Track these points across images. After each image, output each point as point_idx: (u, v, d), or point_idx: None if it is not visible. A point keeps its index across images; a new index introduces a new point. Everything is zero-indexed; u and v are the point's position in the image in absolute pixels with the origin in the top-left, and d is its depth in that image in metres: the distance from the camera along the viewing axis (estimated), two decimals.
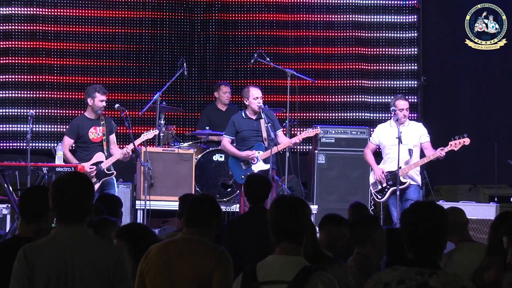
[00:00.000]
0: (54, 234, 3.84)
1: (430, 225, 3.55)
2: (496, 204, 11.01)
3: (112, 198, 7.06)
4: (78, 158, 9.94)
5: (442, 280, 3.50)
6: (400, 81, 12.80)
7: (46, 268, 3.74)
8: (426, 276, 3.50)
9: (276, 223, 3.91)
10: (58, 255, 3.76)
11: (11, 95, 12.27)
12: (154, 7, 12.64)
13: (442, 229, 3.58)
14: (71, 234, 3.81)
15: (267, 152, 9.75)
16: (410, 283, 3.51)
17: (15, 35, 12.27)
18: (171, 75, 11.60)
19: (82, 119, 10.00)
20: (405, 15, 12.86)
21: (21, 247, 3.80)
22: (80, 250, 3.78)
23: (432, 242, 3.56)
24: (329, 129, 11.56)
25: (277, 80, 12.34)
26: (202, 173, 10.88)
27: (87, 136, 9.90)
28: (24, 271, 3.73)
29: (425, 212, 3.59)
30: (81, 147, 9.96)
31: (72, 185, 3.86)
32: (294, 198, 3.98)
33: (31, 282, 3.72)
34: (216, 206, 4.48)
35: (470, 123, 12.35)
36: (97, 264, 3.78)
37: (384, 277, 3.60)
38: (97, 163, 9.85)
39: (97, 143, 9.91)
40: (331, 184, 11.32)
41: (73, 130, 9.97)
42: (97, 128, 9.91)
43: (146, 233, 4.84)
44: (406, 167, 9.71)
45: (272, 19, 12.77)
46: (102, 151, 9.91)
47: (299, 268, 3.81)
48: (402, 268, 3.58)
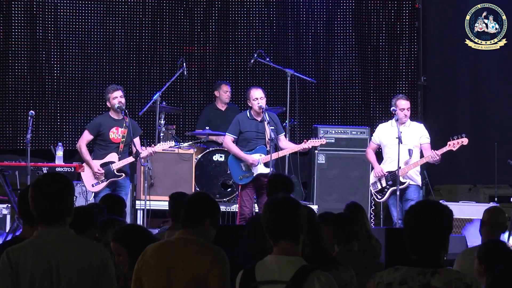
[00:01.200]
0: (36, 235, 3.85)
1: (431, 224, 3.54)
2: (496, 204, 11.01)
3: (116, 198, 7.07)
4: (95, 155, 9.93)
5: (444, 279, 3.48)
6: (400, 81, 12.80)
7: (30, 270, 3.75)
8: (428, 276, 3.49)
9: (271, 223, 3.91)
10: (41, 256, 3.77)
11: (11, 95, 12.26)
12: (154, 7, 12.64)
13: (443, 228, 3.57)
14: (53, 234, 3.82)
15: (268, 156, 9.72)
16: (412, 283, 3.50)
17: (15, 35, 12.27)
18: (171, 75, 11.60)
19: (106, 118, 9.98)
20: (405, 15, 12.85)
21: (5, 250, 3.81)
22: (63, 250, 3.79)
23: (433, 242, 3.55)
24: (329, 129, 11.56)
25: (277, 80, 12.34)
26: (202, 173, 10.88)
27: (107, 135, 9.87)
28: (8, 273, 3.74)
29: (426, 211, 3.58)
30: (100, 145, 9.93)
31: (49, 185, 3.85)
32: (285, 198, 3.99)
33: (16, 284, 3.73)
34: (212, 206, 4.46)
35: (470, 123, 12.36)
36: (81, 264, 3.78)
37: (386, 277, 3.59)
38: (108, 162, 9.84)
39: (116, 144, 9.91)
40: (331, 184, 11.33)
41: (94, 126, 9.94)
42: (119, 129, 9.89)
43: (143, 234, 4.83)
44: (405, 167, 9.71)
45: (272, 19, 12.77)
46: (117, 152, 9.91)
47: (297, 267, 3.81)
48: (404, 268, 3.57)
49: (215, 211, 4.46)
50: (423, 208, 3.61)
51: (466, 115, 12.58)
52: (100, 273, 3.81)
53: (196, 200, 4.46)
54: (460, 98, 12.72)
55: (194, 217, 4.37)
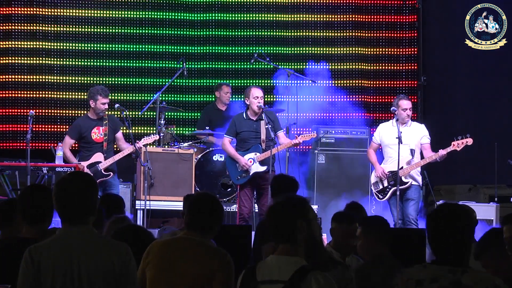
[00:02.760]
0: (59, 234, 3.85)
1: (454, 227, 3.55)
2: (496, 204, 11.01)
3: (116, 197, 7.10)
4: (81, 158, 10.02)
5: (475, 278, 3.49)
6: (400, 81, 12.80)
7: (52, 268, 3.74)
8: (458, 275, 3.49)
9: (271, 225, 3.93)
10: (63, 255, 3.76)
11: (11, 95, 12.27)
12: (154, 7, 12.64)
13: (469, 229, 3.59)
14: (76, 234, 3.82)
15: (265, 154, 9.77)
16: (443, 281, 3.49)
17: (15, 35, 12.27)
18: (171, 75, 11.60)
19: (85, 120, 10.07)
20: (405, 15, 12.86)
21: (27, 248, 3.80)
22: (85, 250, 3.79)
23: (460, 242, 3.56)
24: (329, 129, 11.56)
25: (277, 80, 12.33)
26: (202, 173, 10.88)
27: (90, 137, 9.98)
28: (31, 272, 3.73)
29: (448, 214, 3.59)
30: (85, 147, 10.04)
31: (73, 184, 3.86)
32: (282, 202, 3.99)
33: (38, 282, 3.73)
34: (217, 209, 4.48)
35: (470, 123, 12.35)
36: (103, 263, 3.78)
37: (415, 274, 3.58)
38: (95, 163, 9.88)
39: (100, 143, 9.97)
40: (331, 184, 11.32)
41: (74, 130, 10.04)
42: (100, 129, 9.97)
43: (143, 234, 4.83)
44: (408, 167, 9.71)
45: (272, 19, 12.77)
46: (102, 151, 9.94)
47: (296, 268, 3.82)
48: (434, 266, 3.56)
49: (223, 215, 4.50)
50: (443, 211, 3.62)
51: (466, 115, 12.58)
52: (123, 272, 3.80)
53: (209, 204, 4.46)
54: (460, 98, 12.72)
55: (207, 222, 4.40)
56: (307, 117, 12.49)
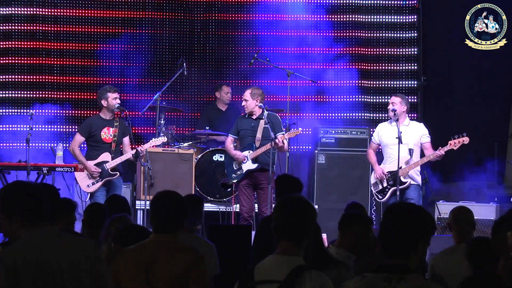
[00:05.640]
0: (28, 235, 3.86)
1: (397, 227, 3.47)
2: (496, 204, 11.01)
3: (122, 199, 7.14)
4: (88, 156, 10.14)
5: (410, 286, 3.40)
6: (400, 81, 12.80)
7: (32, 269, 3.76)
8: (394, 283, 3.41)
9: (277, 221, 3.93)
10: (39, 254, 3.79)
11: (11, 95, 12.27)
12: (154, 7, 12.65)
13: (412, 232, 3.47)
14: (44, 233, 3.86)
15: (256, 151, 9.85)
16: None
17: (15, 35, 12.28)
18: (171, 75, 11.60)
19: (97, 119, 10.18)
20: (405, 15, 12.86)
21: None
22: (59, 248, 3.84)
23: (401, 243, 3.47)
24: (329, 129, 11.56)
25: (277, 80, 12.34)
26: (202, 173, 10.88)
27: (99, 136, 10.08)
28: (5, 276, 3.74)
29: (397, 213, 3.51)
30: (92, 146, 10.14)
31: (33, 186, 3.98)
32: (298, 199, 3.98)
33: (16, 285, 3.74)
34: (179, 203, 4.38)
35: (469, 123, 12.35)
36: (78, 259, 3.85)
37: (352, 285, 3.52)
38: (102, 162, 9.98)
39: (108, 144, 10.06)
40: (331, 184, 11.33)
41: (85, 128, 10.15)
42: (110, 129, 10.07)
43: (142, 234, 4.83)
44: (406, 167, 9.72)
45: (272, 19, 12.77)
46: (110, 151, 10.02)
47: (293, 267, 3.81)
48: (370, 275, 3.49)
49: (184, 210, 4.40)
50: (394, 209, 3.54)
51: (466, 115, 12.58)
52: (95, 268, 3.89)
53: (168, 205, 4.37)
54: (460, 98, 12.72)
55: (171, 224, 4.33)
56: (307, 117, 12.50)
